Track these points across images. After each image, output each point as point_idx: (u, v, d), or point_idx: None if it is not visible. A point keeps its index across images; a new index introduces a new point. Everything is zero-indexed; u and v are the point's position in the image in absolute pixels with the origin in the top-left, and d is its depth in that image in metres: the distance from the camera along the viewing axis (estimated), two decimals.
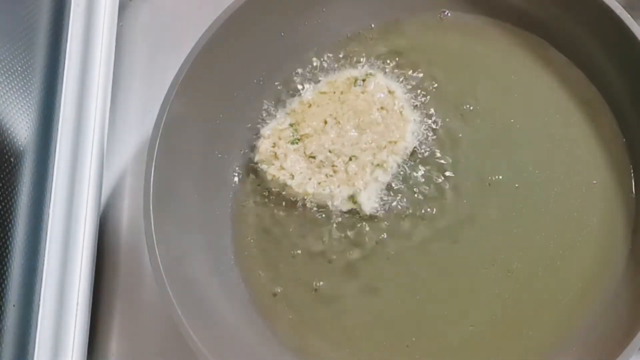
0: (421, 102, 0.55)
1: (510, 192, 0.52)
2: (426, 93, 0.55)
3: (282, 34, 0.56)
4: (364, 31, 0.57)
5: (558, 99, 0.53)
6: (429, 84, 0.55)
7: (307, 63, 0.57)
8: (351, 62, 0.57)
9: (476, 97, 0.54)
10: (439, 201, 0.53)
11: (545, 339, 0.49)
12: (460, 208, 0.52)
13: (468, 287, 0.51)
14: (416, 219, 0.53)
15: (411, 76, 0.56)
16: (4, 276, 0.50)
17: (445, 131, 0.54)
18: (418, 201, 0.53)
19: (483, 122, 0.54)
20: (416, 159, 0.54)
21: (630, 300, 0.47)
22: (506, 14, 0.55)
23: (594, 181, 0.51)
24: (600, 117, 0.53)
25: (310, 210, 0.54)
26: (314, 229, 0.54)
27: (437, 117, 0.54)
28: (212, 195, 0.55)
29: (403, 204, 0.53)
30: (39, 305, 0.53)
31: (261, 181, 0.55)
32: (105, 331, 0.56)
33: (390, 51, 0.57)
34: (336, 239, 0.53)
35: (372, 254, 0.52)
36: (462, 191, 0.52)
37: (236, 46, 0.54)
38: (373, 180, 0.53)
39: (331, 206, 0.53)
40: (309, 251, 0.53)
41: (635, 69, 0.50)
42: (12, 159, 0.52)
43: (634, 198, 0.51)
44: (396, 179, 0.54)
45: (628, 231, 0.50)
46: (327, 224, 0.53)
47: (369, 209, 0.53)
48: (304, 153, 0.54)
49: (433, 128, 0.54)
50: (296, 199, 0.54)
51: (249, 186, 0.56)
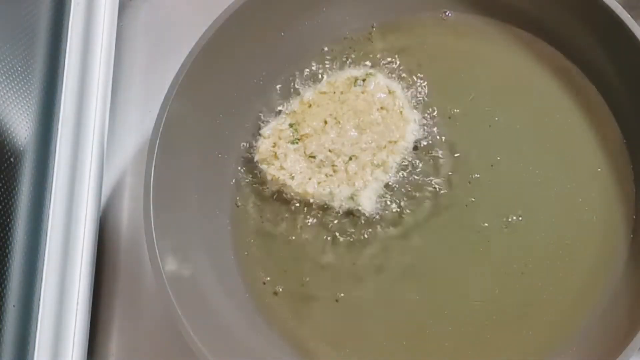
0: (421, 102, 0.55)
1: (510, 192, 0.52)
2: (426, 93, 0.55)
3: (282, 34, 0.56)
4: (364, 31, 0.57)
5: (558, 99, 0.53)
6: (429, 84, 0.55)
7: (307, 63, 0.57)
8: (351, 62, 0.57)
9: (476, 97, 0.54)
10: (439, 201, 0.53)
11: (545, 339, 0.49)
12: (460, 208, 0.52)
13: (468, 288, 0.51)
14: (416, 219, 0.53)
15: (411, 76, 0.56)
16: (4, 276, 0.50)
17: (445, 131, 0.54)
18: (418, 201, 0.53)
19: (483, 122, 0.54)
20: (416, 159, 0.54)
21: (630, 300, 0.47)
22: (506, 14, 0.55)
23: (594, 181, 0.51)
24: (600, 117, 0.53)
25: (310, 210, 0.54)
26: (314, 229, 0.54)
27: (437, 117, 0.54)
28: (212, 195, 0.55)
29: (403, 204, 0.53)
30: (39, 305, 0.53)
31: (261, 181, 0.55)
32: (105, 331, 0.56)
33: (390, 51, 0.57)
34: (336, 239, 0.53)
35: (372, 254, 0.52)
36: (462, 191, 0.52)
37: (236, 46, 0.54)
38: (373, 180, 0.53)
39: (331, 206, 0.53)
40: (309, 251, 0.53)
41: (635, 69, 0.50)
42: (12, 159, 0.52)
43: (634, 198, 0.51)
44: (396, 179, 0.54)
45: (628, 231, 0.50)
46: (327, 224, 0.53)
47: (369, 209, 0.53)
48: (304, 153, 0.54)
49: (433, 128, 0.54)
50: (296, 199, 0.54)
51: (249, 186, 0.56)
